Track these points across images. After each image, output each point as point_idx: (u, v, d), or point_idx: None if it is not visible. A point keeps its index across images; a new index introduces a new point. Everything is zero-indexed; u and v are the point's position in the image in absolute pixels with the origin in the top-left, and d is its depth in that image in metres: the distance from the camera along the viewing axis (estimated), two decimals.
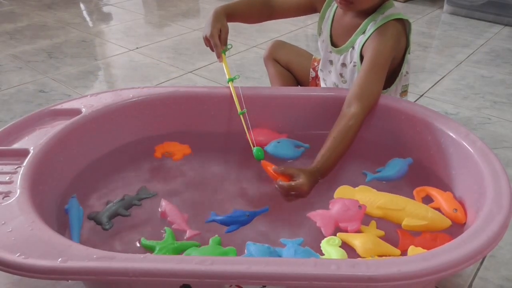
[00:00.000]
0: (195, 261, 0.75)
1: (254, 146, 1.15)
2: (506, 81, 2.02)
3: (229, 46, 1.31)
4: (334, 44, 1.32)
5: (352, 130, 1.11)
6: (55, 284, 1.01)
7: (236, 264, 0.75)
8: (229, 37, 1.30)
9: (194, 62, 2.19)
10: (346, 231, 0.94)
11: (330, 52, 1.34)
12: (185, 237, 0.97)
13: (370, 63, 1.16)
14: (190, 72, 2.09)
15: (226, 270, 0.73)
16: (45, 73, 2.06)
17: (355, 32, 1.24)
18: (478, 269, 1.07)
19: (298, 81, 1.58)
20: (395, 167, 1.14)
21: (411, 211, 0.98)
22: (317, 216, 0.98)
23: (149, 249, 0.92)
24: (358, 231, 0.95)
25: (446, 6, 2.98)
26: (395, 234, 0.97)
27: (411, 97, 1.82)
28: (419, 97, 1.87)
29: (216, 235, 0.96)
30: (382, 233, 0.95)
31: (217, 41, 1.27)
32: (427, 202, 1.04)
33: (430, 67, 2.18)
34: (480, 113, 1.75)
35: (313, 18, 2.84)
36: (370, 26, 1.20)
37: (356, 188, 1.06)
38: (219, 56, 1.29)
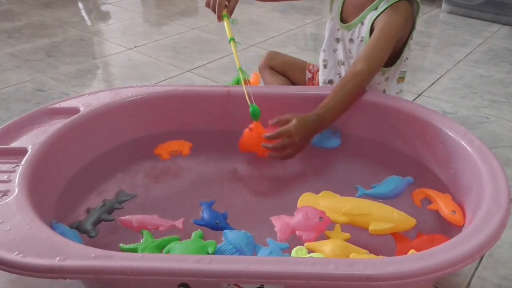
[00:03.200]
0: (193, 260, 0.75)
1: (252, 103, 1.15)
2: (504, 80, 2.02)
3: (234, 22, 1.30)
4: (343, 20, 1.35)
5: (356, 87, 1.17)
6: (53, 283, 1.01)
7: (234, 263, 0.75)
8: (227, 36, 1.29)
9: (192, 61, 2.19)
10: (301, 239, 0.93)
11: (338, 29, 1.36)
12: (181, 228, 0.97)
13: (381, 32, 1.20)
14: (189, 71, 2.08)
15: (224, 269, 0.73)
16: (43, 72, 2.05)
17: (367, 8, 1.27)
18: (476, 268, 1.07)
19: (294, 84, 1.58)
20: (390, 185, 1.08)
21: (376, 214, 0.97)
22: (278, 220, 0.98)
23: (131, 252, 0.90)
24: (312, 240, 0.92)
25: (444, 5, 2.98)
26: (374, 237, 0.96)
27: (409, 96, 1.82)
28: (417, 96, 1.87)
29: (199, 229, 0.96)
30: (348, 235, 0.94)
31: (222, 2, 1.27)
32: (425, 204, 1.04)
33: (429, 66, 2.18)
34: (478, 112, 1.75)
35: (312, 17, 2.85)
36: (383, 3, 1.24)
37: (319, 194, 1.04)
38: (219, 17, 1.29)
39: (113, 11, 3.05)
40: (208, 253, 0.88)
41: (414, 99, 1.84)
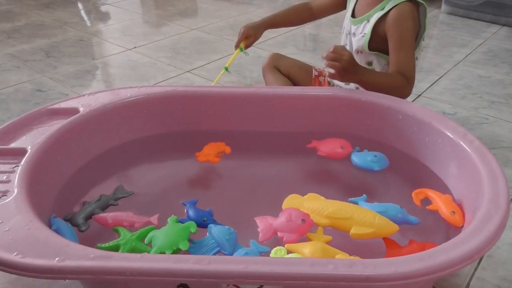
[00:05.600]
0: (193, 261, 0.75)
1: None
2: (504, 81, 2.02)
3: (246, 54, 1.59)
4: (354, 16, 1.43)
5: (392, 87, 1.26)
6: (52, 284, 1.01)
7: (234, 263, 0.75)
8: (226, 37, 1.31)
9: (191, 62, 2.19)
10: (282, 240, 0.93)
11: (348, 24, 1.44)
12: (156, 224, 0.97)
13: (398, 44, 1.28)
14: (188, 71, 2.08)
15: (223, 270, 0.73)
16: (42, 72, 2.05)
17: (375, 8, 1.34)
18: (476, 269, 1.07)
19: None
20: (379, 208, 1.00)
21: (358, 219, 0.95)
22: (262, 221, 0.98)
23: (113, 251, 0.88)
24: (294, 242, 0.92)
25: (444, 6, 2.98)
26: (360, 241, 0.95)
27: (409, 97, 1.82)
28: (417, 97, 1.87)
29: (172, 215, 0.97)
30: (329, 238, 0.93)
31: (241, 38, 1.55)
32: (425, 204, 1.04)
33: (428, 67, 2.18)
34: (478, 113, 1.75)
35: None
36: (389, 4, 1.30)
37: (305, 196, 1.04)
38: (236, 46, 1.56)
39: (112, 12, 3.05)
40: (190, 233, 0.92)
41: (414, 100, 1.84)
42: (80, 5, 3.18)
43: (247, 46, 1.56)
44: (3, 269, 0.75)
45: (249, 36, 1.54)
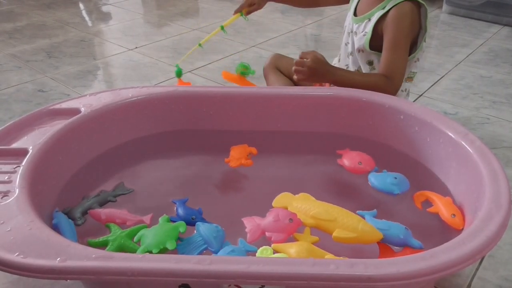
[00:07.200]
0: (194, 261, 0.75)
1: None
2: (505, 81, 2.02)
3: (246, 19, 1.60)
4: (356, 14, 1.44)
5: (370, 87, 1.26)
6: (53, 284, 1.01)
7: (235, 263, 0.75)
8: (227, 36, 1.32)
9: (193, 62, 2.19)
10: (270, 240, 0.92)
11: (349, 22, 1.45)
12: (148, 223, 0.97)
13: (394, 44, 1.29)
14: (189, 71, 2.08)
15: (224, 270, 0.73)
16: (44, 73, 2.06)
17: (376, 6, 1.34)
18: (477, 269, 1.07)
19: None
20: (380, 224, 0.95)
21: (342, 222, 0.94)
22: (249, 221, 0.97)
23: (102, 246, 0.90)
24: (282, 241, 0.92)
25: (445, 6, 2.98)
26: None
27: (410, 97, 1.82)
28: (418, 97, 1.87)
29: (164, 214, 0.97)
30: (316, 239, 0.93)
31: (244, 5, 1.57)
32: (426, 206, 1.04)
33: (429, 66, 2.18)
34: (479, 113, 1.75)
35: (313, 18, 2.85)
36: (390, 3, 1.31)
37: (296, 195, 1.04)
38: (235, 12, 1.57)
39: (114, 12, 3.05)
40: (179, 232, 0.92)
41: (415, 100, 1.84)
42: (81, 6, 3.18)
43: (248, 13, 1.58)
44: (5, 269, 0.75)
45: (253, 4, 1.57)
